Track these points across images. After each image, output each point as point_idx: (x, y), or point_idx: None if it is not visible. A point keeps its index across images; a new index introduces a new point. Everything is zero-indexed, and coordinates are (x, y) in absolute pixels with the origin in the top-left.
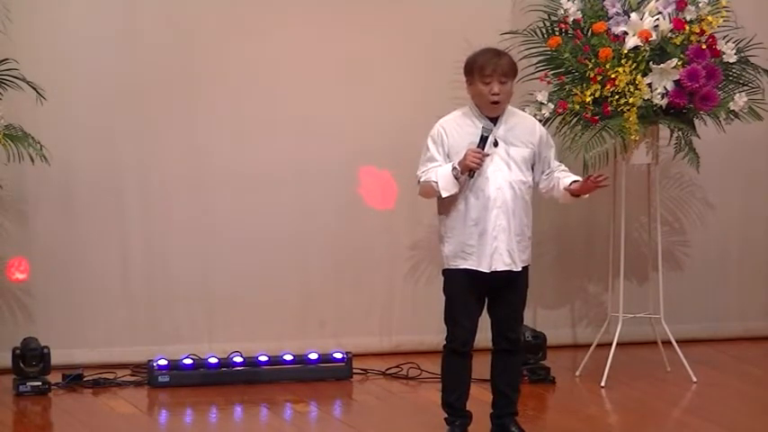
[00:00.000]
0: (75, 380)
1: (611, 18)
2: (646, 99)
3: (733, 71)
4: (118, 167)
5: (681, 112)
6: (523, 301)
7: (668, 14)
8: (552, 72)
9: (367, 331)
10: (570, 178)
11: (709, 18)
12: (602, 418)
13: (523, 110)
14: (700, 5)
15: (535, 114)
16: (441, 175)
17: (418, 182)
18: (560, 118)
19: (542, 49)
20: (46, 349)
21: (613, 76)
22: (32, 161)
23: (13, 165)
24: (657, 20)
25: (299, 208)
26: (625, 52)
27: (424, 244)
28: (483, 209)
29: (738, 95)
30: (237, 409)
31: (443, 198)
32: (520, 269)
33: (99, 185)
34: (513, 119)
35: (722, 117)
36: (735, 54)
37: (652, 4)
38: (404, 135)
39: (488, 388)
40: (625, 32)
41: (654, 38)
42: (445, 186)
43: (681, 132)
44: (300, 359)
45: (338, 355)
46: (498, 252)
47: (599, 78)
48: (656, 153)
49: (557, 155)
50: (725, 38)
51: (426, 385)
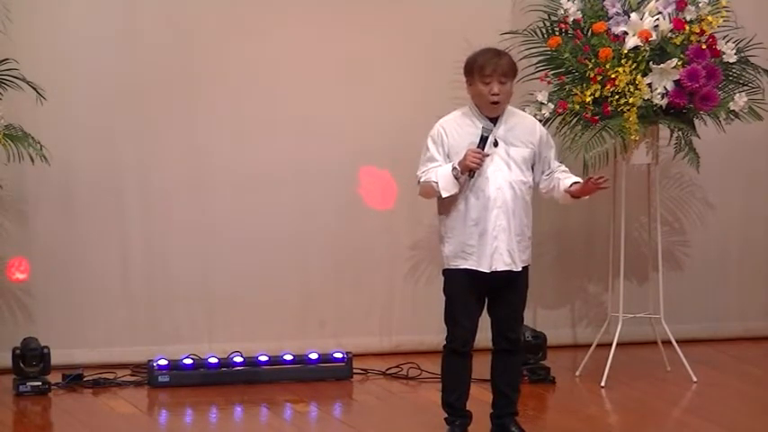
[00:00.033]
0: (75, 380)
1: (611, 18)
2: (646, 99)
3: (733, 71)
4: (118, 167)
5: (681, 112)
6: (523, 301)
7: (668, 14)
8: (552, 72)
9: (367, 331)
10: (570, 179)
11: (710, 18)
12: (602, 418)
13: (523, 110)
14: (700, 5)
15: (535, 114)
16: (441, 175)
17: (418, 182)
18: (560, 118)
19: (542, 49)
20: (46, 349)
21: (613, 76)
22: (32, 161)
23: (13, 165)
24: (657, 20)
25: (299, 208)
26: (625, 52)
27: (424, 244)
28: (483, 209)
29: (738, 95)
30: (237, 409)
31: (443, 198)
32: (520, 269)
33: (99, 185)
34: (513, 119)
35: (722, 117)
36: (735, 54)
37: (652, 4)
38: (404, 135)
39: (488, 388)
40: (625, 32)
41: (654, 38)
42: (445, 186)
43: (681, 132)
44: (300, 359)
45: (338, 355)
46: (498, 252)
47: (599, 78)
48: (656, 153)
49: (557, 155)
50: (725, 38)
51: (426, 385)
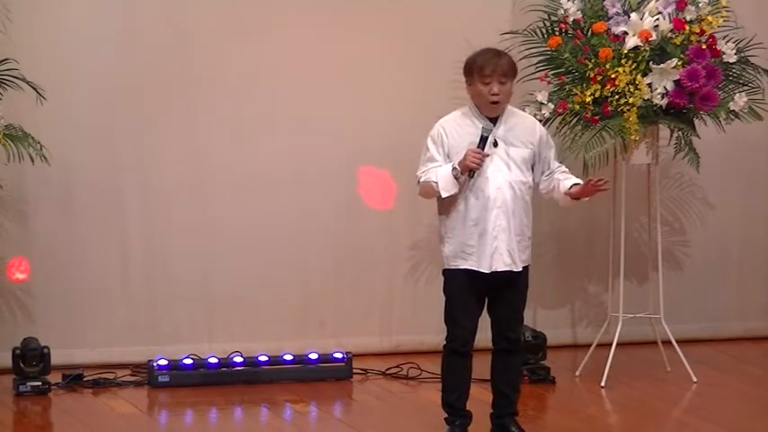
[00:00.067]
0: (75, 380)
1: (611, 18)
2: (646, 99)
3: (733, 71)
4: (118, 167)
5: (681, 112)
6: (523, 301)
7: (668, 14)
8: (552, 72)
9: (367, 331)
10: (570, 181)
11: (710, 18)
12: (602, 418)
13: (523, 110)
14: (700, 5)
15: (535, 114)
16: (441, 175)
17: (418, 182)
18: (560, 118)
19: (542, 49)
20: (46, 349)
21: (613, 76)
22: (32, 161)
23: (13, 165)
24: (657, 20)
25: (299, 208)
26: (625, 52)
27: (424, 244)
28: (483, 209)
29: (738, 95)
30: (237, 409)
31: (443, 198)
32: (520, 269)
33: (99, 185)
34: (512, 119)
35: (722, 117)
36: (735, 54)
37: (652, 4)
38: (404, 135)
39: (488, 388)
40: (625, 32)
41: (654, 38)
42: (445, 186)
43: (681, 132)
44: (300, 359)
45: (338, 355)
46: (498, 252)
47: (599, 78)
48: (656, 153)
49: (557, 155)
50: (725, 38)
51: (426, 385)
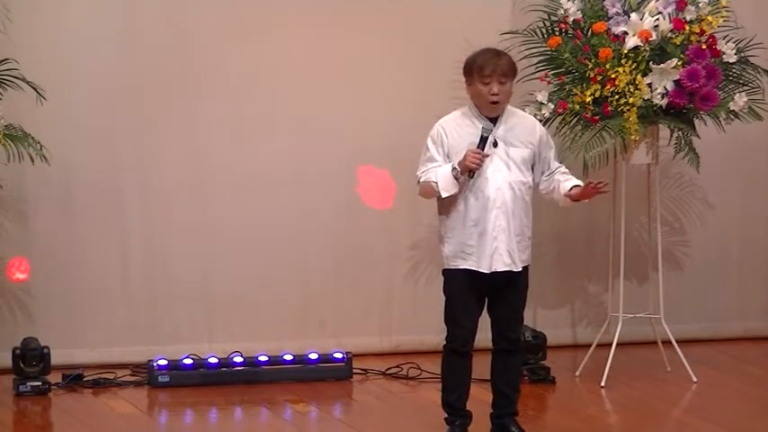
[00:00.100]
0: (75, 380)
1: (611, 18)
2: (646, 99)
3: (733, 71)
4: (118, 167)
5: (681, 112)
6: (523, 302)
7: (668, 14)
8: (552, 72)
9: (367, 331)
10: (571, 182)
11: (710, 18)
12: (602, 418)
13: (523, 110)
14: (700, 5)
15: (535, 114)
16: (440, 175)
17: (418, 182)
18: (560, 118)
19: (542, 49)
20: (46, 349)
21: (613, 76)
22: (32, 161)
23: (13, 165)
24: (657, 20)
25: (299, 208)
26: (625, 52)
27: (423, 244)
28: (482, 209)
29: (738, 95)
30: (237, 409)
31: (443, 198)
32: (520, 269)
33: (99, 185)
34: (512, 119)
35: (722, 117)
36: (735, 54)
37: (652, 4)
38: (404, 135)
39: (488, 388)
40: (625, 32)
41: (654, 38)
42: (445, 187)
43: (681, 132)
44: (300, 359)
45: (338, 355)
46: (498, 252)
47: (599, 78)
48: (656, 153)
49: (557, 155)
50: (725, 38)
51: (426, 385)
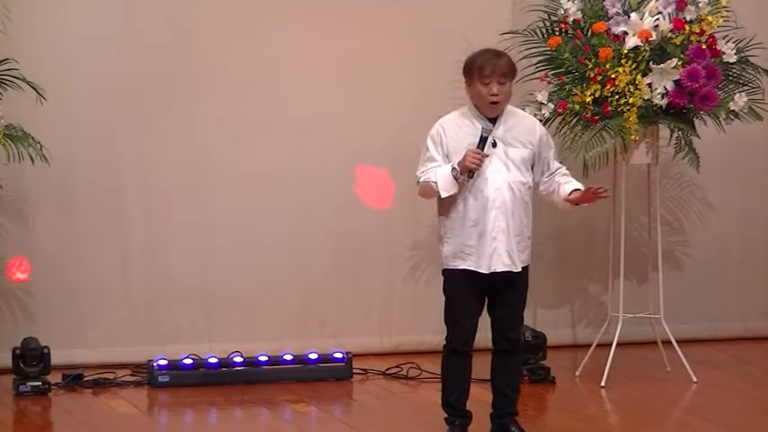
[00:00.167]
0: (75, 380)
1: (611, 18)
2: (646, 99)
3: (733, 71)
4: (118, 167)
5: (681, 112)
6: (523, 302)
7: (668, 14)
8: (552, 72)
9: (367, 331)
10: (571, 186)
11: (710, 18)
12: (602, 418)
13: (523, 110)
14: (700, 5)
15: (535, 114)
16: (440, 175)
17: (418, 182)
18: (560, 118)
19: (542, 49)
20: (46, 349)
21: (613, 76)
22: (32, 161)
23: (13, 165)
24: (657, 20)
25: (299, 208)
26: (625, 52)
27: (423, 244)
28: (482, 210)
29: (738, 95)
30: (237, 409)
31: (443, 198)
32: (519, 270)
33: (99, 185)
34: (512, 119)
35: (722, 117)
36: (735, 54)
37: (652, 4)
38: (404, 135)
39: (488, 388)
40: (625, 32)
41: (654, 38)
42: (444, 187)
43: (681, 132)
44: (300, 359)
45: (338, 355)
46: (497, 253)
47: (599, 78)
48: (656, 153)
49: (557, 155)
50: (725, 38)
51: (426, 385)
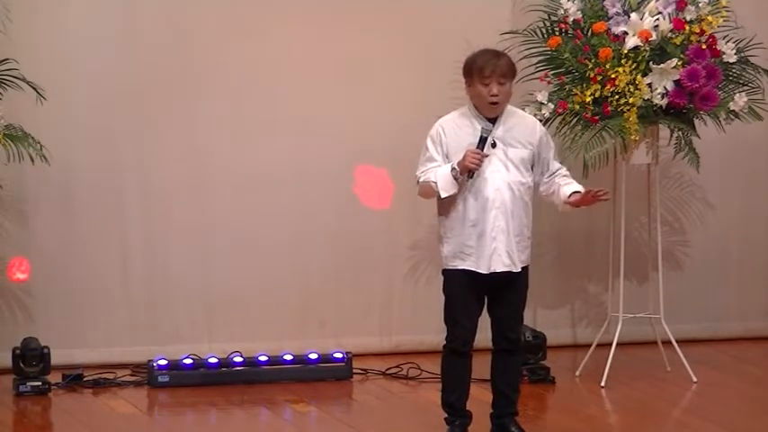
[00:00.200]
0: (75, 380)
1: (611, 18)
2: (646, 99)
3: (733, 71)
4: (118, 167)
5: (681, 112)
6: (523, 302)
7: (668, 14)
8: (552, 72)
9: (367, 331)
10: (571, 188)
11: (710, 18)
12: (602, 418)
13: (523, 110)
14: (700, 5)
15: (535, 114)
16: (440, 175)
17: (417, 182)
18: (560, 118)
19: (542, 49)
20: (46, 349)
21: (613, 76)
22: (32, 161)
23: (13, 165)
24: (657, 20)
25: (299, 208)
26: (625, 52)
27: (423, 244)
28: (481, 210)
29: (738, 95)
30: (237, 409)
31: (442, 199)
32: (519, 270)
33: (99, 185)
34: (512, 119)
35: (722, 117)
36: (735, 54)
37: (652, 4)
38: (404, 135)
39: (488, 388)
40: (625, 32)
41: (654, 38)
42: (444, 187)
43: (681, 132)
44: (300, 359)
45: (338, 355)
46: (497, 253)
47: (599, 78)
48: (656, 153)
49: (556, 155)
50: (725, 38)
51: (426, 385)
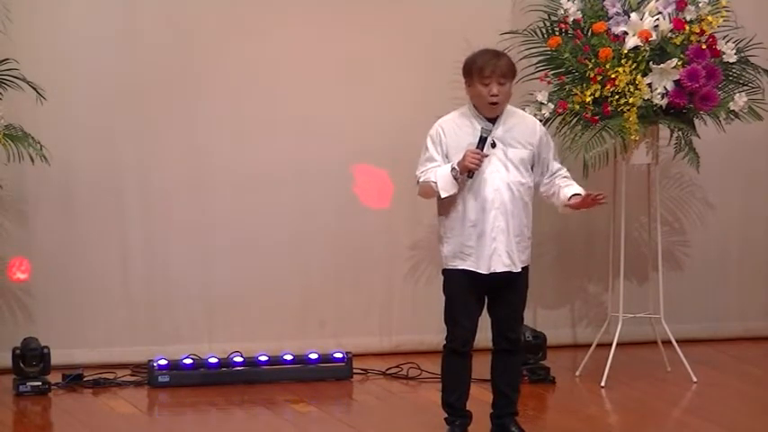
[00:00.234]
0: (75, 380)
1: (611, 18)
2: (646, 99)
3: (733, 71)
4: (118, 167)
5: (681, 112)
6: (523, 302)
7: (668, 14)
8: (552, 72)
9: (367, 331)
10: (571, 190)
11: (710, 18)
12: (602, 418)
13: (523, 110)
14: (700, 5)
15: (535, 114)
16: (440, 175)
17: (417, 182)
18: (560, 118)
19: (542, 49)
20: (46, 349)
21: (613, 76)
22: (32, 161)
23: (13, 165)
24: (657, 20)
25: (299, 208)
26: (625, 52)
27: (423, 244)
28: (481, 210)
29: (738, 95)
30: (237, 409)
31: (442, 199)
32: (519, 270)
33: (99, 185)
34: (512, 119)
35: (722, 117)
36: (735, 54)
37: (652, 4)
38: (404, 135)
39: (488, 388)
40: (625, 32)
41: (654, 38)
42: (444, 187)
43: (681, 132)
44: (300, 359)
45: (338, 355)
46: (497, 253)
47: (599, 78)
48: (656, 153)
49: (556, 155)
50: (725, 38)
51: (426, 385)
